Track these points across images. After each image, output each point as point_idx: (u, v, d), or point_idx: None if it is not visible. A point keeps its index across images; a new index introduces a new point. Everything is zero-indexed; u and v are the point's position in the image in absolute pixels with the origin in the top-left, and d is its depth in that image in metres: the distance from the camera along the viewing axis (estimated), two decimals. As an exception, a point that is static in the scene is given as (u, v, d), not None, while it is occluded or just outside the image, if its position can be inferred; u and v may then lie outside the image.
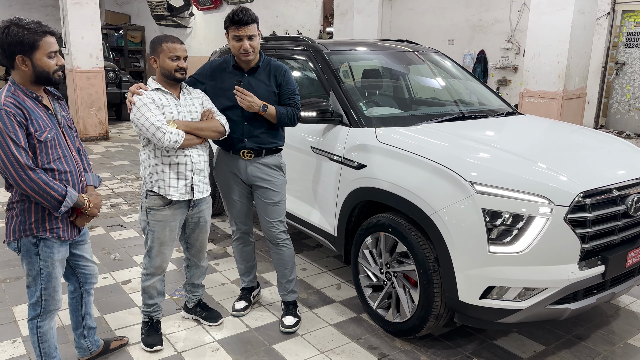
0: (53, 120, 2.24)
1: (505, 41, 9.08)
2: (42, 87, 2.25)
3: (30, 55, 2.11)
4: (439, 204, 2.58)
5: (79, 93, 8.83)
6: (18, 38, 2.08)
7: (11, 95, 2.11)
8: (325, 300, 3.42)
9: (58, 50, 2.21)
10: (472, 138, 3.08)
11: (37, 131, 2.12)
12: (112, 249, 4.25)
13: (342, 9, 8.41)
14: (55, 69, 2.18)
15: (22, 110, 2.10)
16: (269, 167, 2.96)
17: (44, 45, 2.12)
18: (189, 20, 13.78)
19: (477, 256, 2.50)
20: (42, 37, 2.12)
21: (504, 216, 2.47)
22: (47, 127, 2.17)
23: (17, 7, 14.74)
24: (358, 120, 3.23)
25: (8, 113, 2.05)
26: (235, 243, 3.23)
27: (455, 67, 4.26)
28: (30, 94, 2.17)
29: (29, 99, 2.16)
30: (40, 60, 2.13)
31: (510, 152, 2.84)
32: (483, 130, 3.37)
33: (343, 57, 3.87)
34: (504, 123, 3.56)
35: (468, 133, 3.19)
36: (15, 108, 2.08)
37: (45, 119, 2.18)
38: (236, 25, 2.75)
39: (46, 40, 2.14)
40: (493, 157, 2.79)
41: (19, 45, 2.08)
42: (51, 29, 2.18)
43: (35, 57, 2.12)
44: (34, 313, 2.34)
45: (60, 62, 2.20)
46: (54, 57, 2.17)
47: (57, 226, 2.25)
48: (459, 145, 2.92)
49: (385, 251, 2.94)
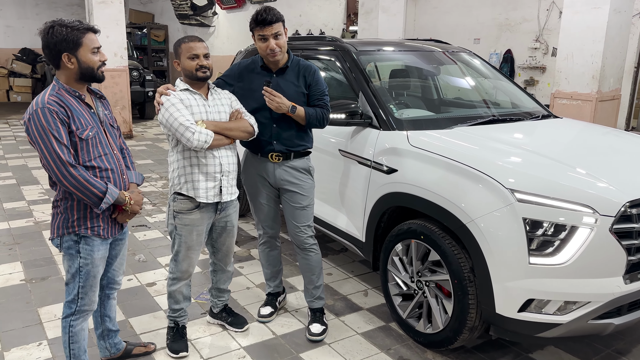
0: (95, 118, 2.28)
1: (532, 40, 8.87)
2: (86, 85, 2.29)
3: (75, 52, 2.16)
4: (476, 212, 2.47)
5: (104, 92, 8.81)
6: (62, 36, 2.13)
7: (55, 94, 2.16)
8: (353, 308, 3.33)
9: (100, 47, 2.24)
10: (509, 142, 2.96)
11: (78, 129, 2.16)
12: (137, 250, 4.22)
13: (367, 7, 8.30)
14: (99, 64, 2.23)
15: (65, 108, 2.14)
16: (297, 171, 2.88)
17: (87, 42, 2.17)
18: (212, 19, 13.79)
19: (516, 267, 2.39)
20: (85, 33, 2.17)
21: (546, 226, 2.36)
22: (89, 125, 2.21)
23: (44, 5, 14.92)
24: (389, 123, 3.14)
25: (51, 111, 2.10)
26: (262, 247, 3.16)
27: (487, 67, 4.13)
28: (73, 92, 2.21)
29: (72, 97, 2.20)
30: (85, 56, 2.18)
31: (551, 158, 2.71)
32: (520, 134, 3.25)
33: (372, 57, 3.78)
34: (540, 127, 3.43)
35: (504, 137, 3.07)
36: (58, 106, 2.12)
37: (87, 117, 2.22)
38: (261, 25, 2.69)
39: (89, 37, 2.18)
40: (533, 163, 2.67)
41: (64, 42, 2.13)
42: (92, 26, 2.21)
43: (80, 54, 2.17)
44: (69, 311, 2.35)
45: (103, 58, 2.25)
46: (97, 53, 2.21)
47: (98, 224, 2.27)
48: (496, 150, 2.81)
49: (416, 259, 2.84)
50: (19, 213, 5.08)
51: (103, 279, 2.54)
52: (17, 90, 13.71)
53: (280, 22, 2.71)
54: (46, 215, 5.02)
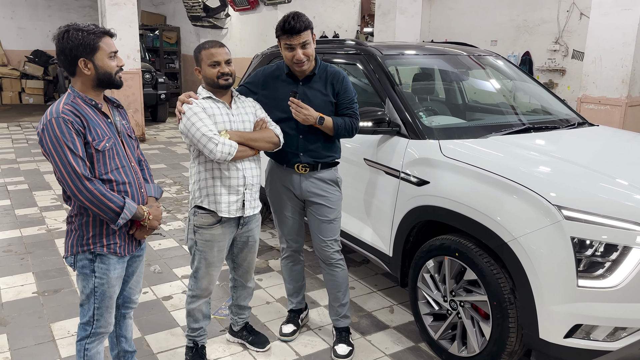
0: (112, 128, 2.14)
1: (552, 42, 8.66)
2: (102, 93, 2.16)
3: (92, 57, 2.03)
4: (519, 230, 2.30)
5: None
6: (78, 41, 2.00)
7: (70, 103, 2.03)
8: (379, 326, 3.16)
9: (117, 52, 2.11)
10: (549, 153, 2.78)
11: (94, 140, 2.03)
12: (152, 261, 4.09)
13: (384, 9, 8.12)
14: (117, 69, 2.10)
15: (81, 118, 2.01)
16: (324, 182, 2.73)
17: (104, 46, 2.04)
18: (225, 22, 13.67)
19: (563, 290, 2.22)
20: (102, 37, 2.04)
21: (596, 246, 2.18)
22: (106, 136, 2.08)
23: (56, 7, 14.89)
24: (418, 131, 2.97)
25: (66, 121, 1.97)
26: (285, 261, 3.01)
27: (517, 72, 3.95)
28: (89, 101, 2.08)
29: (88, 106, 2.07)
30: (102, 61, 2.04)
31: (598, 171, 2.54)
32: (559, 143, 3.07)
33: (398, 61, 3.61)
34: (577, 135, 3.25)
35: (543, 147, 2.90)
36: (74, 116, 1.99)
37: (104, 127, 2.09)
38: (288, 34, 2.52)
39: (105, 41, 2.05)
40: (580, 177, 2.49)
41: (80, 47, 2.01)
42: (109, 30, 2.08)
43: (97, 59, 2.03)
44: (84, 334, 2.21)
45: (120, 63, 2.11)
46: (114, 57, 2.08)
47: (114, 241, 2.14)
48: (537, 162, 2.63)
49: (450, 277, 2.67)
50: (30, 220, 4.96)
51: (119, 298, 2.40)
52: (30, 92, 13.68)
53: (308, 30, 2.55)
54: (59, 222, 4.91)
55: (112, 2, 8.37)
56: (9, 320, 3.15)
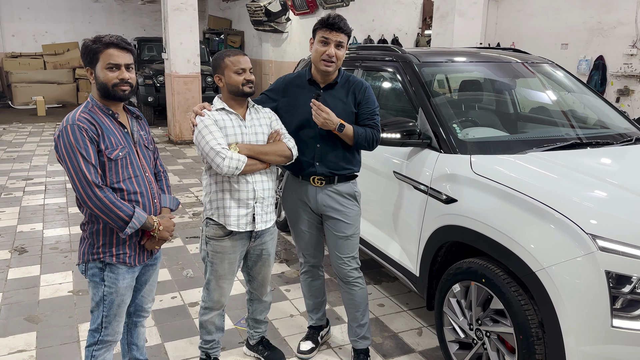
0: (128, 138, 2.16)
1: (629, 46, 8.01)
2: (120, 103, 2.18)
3: (94, 67, 2.08)
4: (549, 259, 2.07)
5: (176, 97, 9.05)
6: (85, 50, 2.09)
7: (87, 111, 2.08)
8: (403, 349, 2.99)
9: (129, 65, 2.10)
10: (593, 173, 2.49)
11: (107, 148, 2.05)
12: (186, 265, 4.12)
13: (442, 11, 7.83)
14: (115, 82, 2.07)
15: (95, 126, 2.04)
16: (341, 196, 2.61)
17: (104, 57, 2.06)
18: (286, 26, 13.78)
19: (596, 330, 1.97)
20: (105, 48, 2.06)
21: (635, 282, 1.92)
22: (119, 145, 2.10)
23: (130, 12, 15.66)
24: (449, 145, 2.78)
25: (80, 128, 2.00)
26: (303, 276, 2.91)
27: (572, 81, 3.62)
28: (106, 110, 2.11)
29: (104, 115, 2.11)
30: (100, 71, 2.07)
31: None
32: (607, 162, 2.76)
33: (437, 69, 3.42)
34: (633, 153, 2.91)
35: (588, 166, 2.61)
36: (89, 124, 2.03)
37: (119, 136, 2.11)
38: (328, 27, 2.44)
39: (107, 52, 2.06)
40: (621, 202, 2.21)
41: (84, 56, 2.09)
42: (118, 42, 2.06)
43: (97, 69, 2.08)
44: (92, 340, 2.23)
45: (123, 76, 2.07)
46: (114, 69, 2.06)
47: (124, 251, 2.15)
48: (576, 183, 2.36)
49: (476, 304, 2.46)
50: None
51: (131, 306, 2.40)
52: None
53: (347, 35, 2.48)
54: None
55: (173, 7, 8.64)
56: (42, 318, 3.26)
